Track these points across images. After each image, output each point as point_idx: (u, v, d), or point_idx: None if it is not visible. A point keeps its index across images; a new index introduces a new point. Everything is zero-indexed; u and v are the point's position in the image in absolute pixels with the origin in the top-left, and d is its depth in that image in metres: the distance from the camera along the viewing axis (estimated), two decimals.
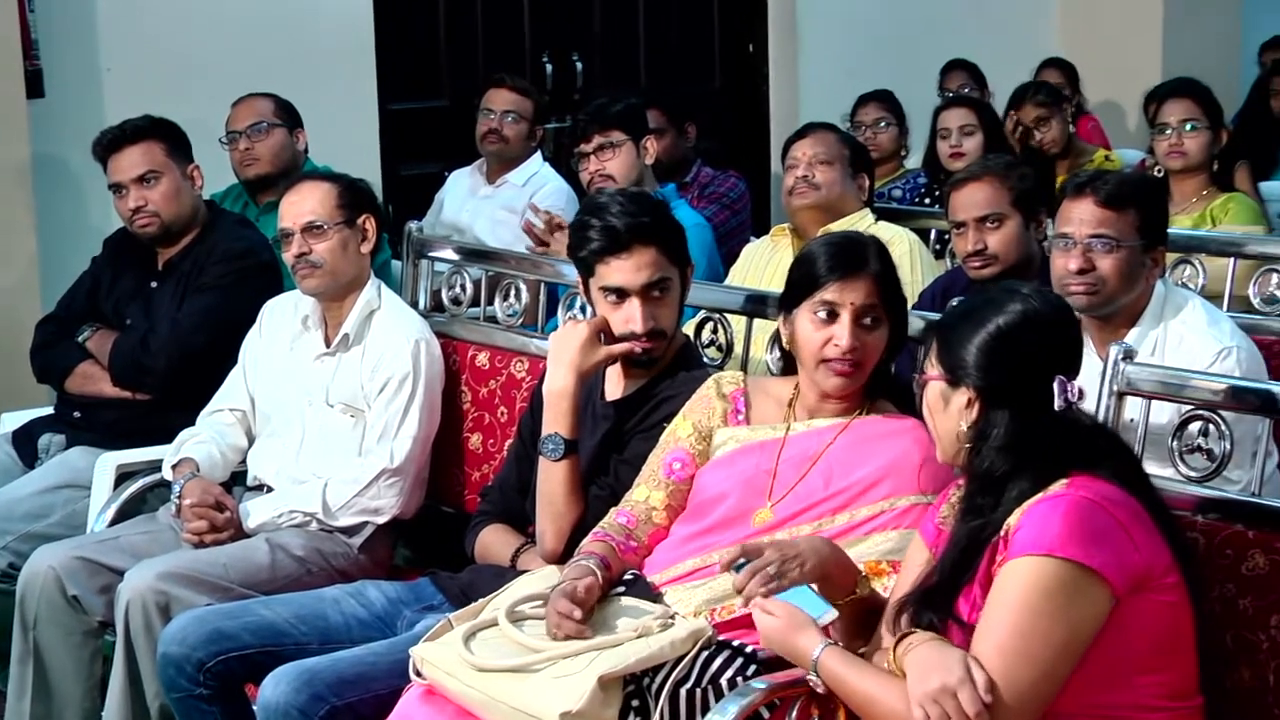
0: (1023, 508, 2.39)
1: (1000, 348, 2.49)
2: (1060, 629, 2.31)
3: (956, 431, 2.50)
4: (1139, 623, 2.38)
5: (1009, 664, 2.30)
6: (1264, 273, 4.01)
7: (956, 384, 2.50)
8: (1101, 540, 2.34)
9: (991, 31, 7.70)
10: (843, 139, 4.70)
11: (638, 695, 2.63)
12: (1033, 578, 2.32)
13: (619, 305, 3.23)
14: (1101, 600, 2.33)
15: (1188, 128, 5.13)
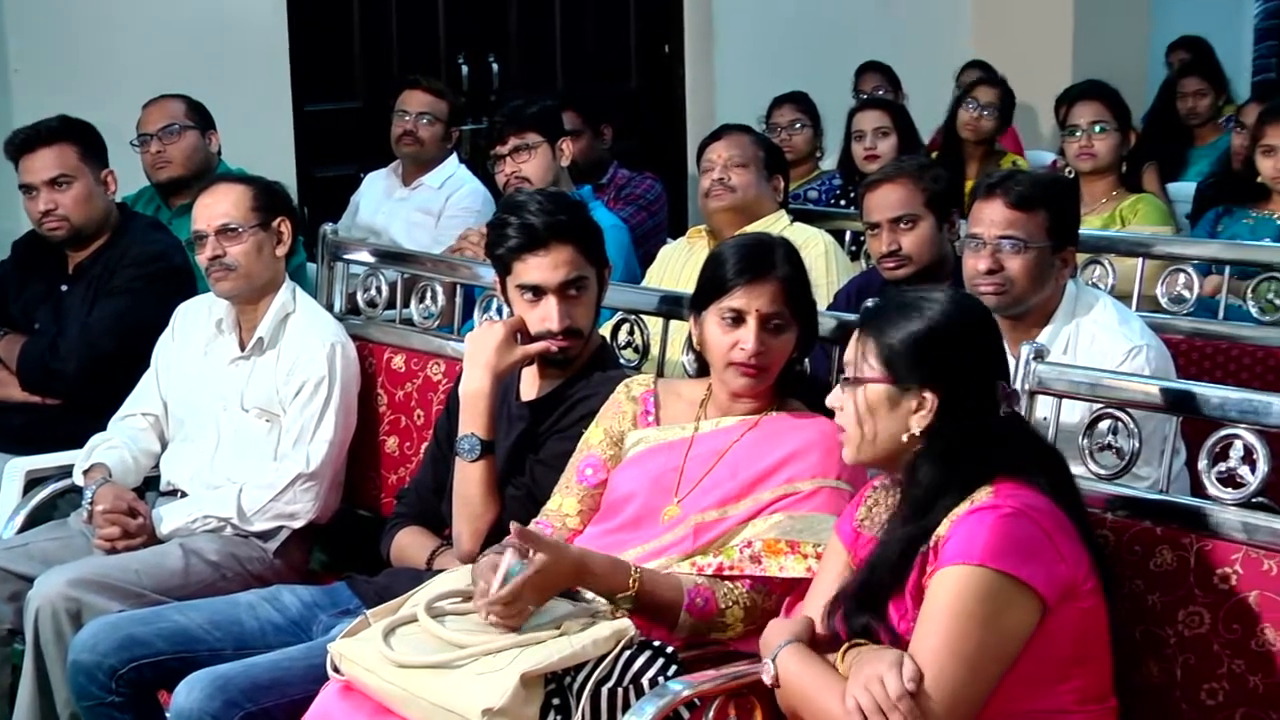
0: (951, 517, 2.42)
1: (952, 349, 2.53)
2: (991, 636, 2.34)
3: (903, 434, 2.51)
4: (1063, 631, 2.42)
5: (941, 670, 2.33)
6: (1171, 272, 4.06)
7: (907, 386, 2.50)
8: (1031, 553, 2.38)
9: (906, 34, 7.76)
10: (758, 141, 4.72)
11: (559, 693, 2.63)
12: (963, 586, 2.35)
13: (535, 303, 3.24)
14: (1031, 610, 2.37)
15: (1097, 129, 5.21)
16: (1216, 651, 2.56)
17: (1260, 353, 3.92)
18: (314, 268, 4.57)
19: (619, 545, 2.93)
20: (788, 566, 2.80)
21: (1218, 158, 6.59)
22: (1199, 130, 7.11)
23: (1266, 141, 4.89)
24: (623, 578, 2.75)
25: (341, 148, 6.45)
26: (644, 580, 2.77)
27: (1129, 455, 2.79)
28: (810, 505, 2.83)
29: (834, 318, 3.29)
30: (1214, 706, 2.56)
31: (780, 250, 2.96)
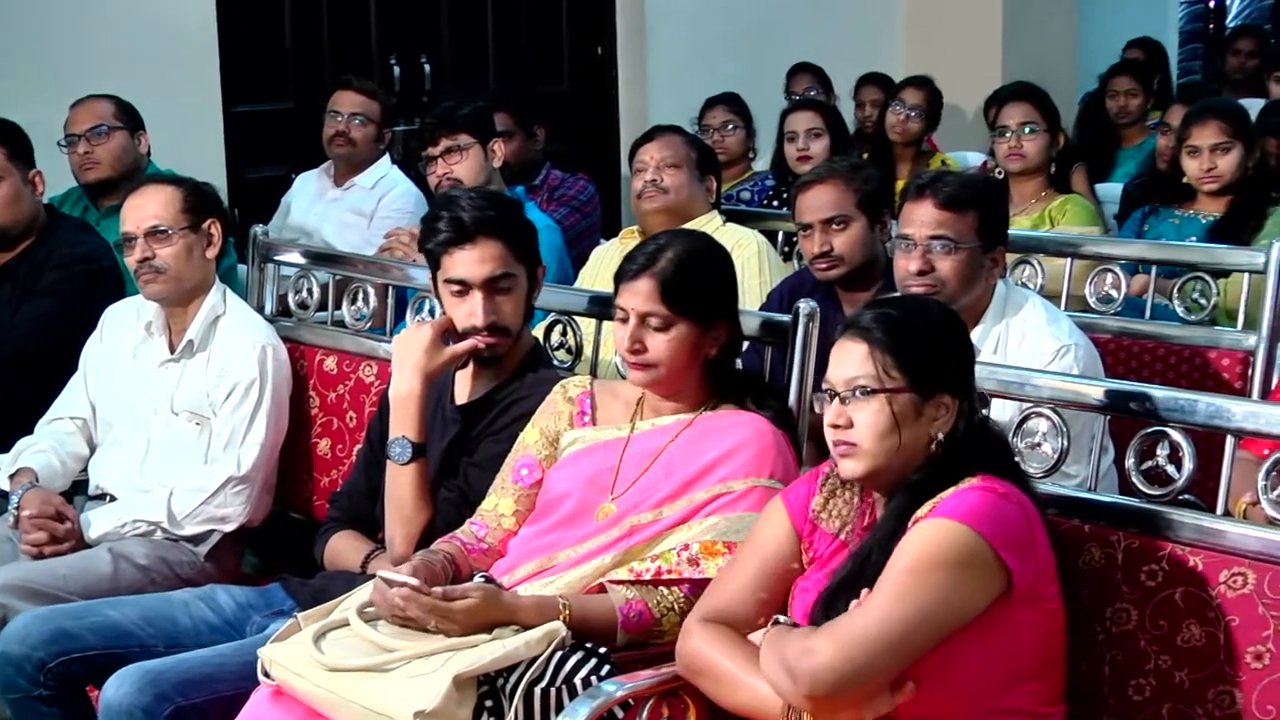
0: (939, 497, 2.44)
1: (960, 354, 2.59)
2: (949, 592, 2.35)
3: (927, 441, 2.53)
4: (1033, 629, 2.46)
5: (862, 618, 2.34)
6: (1099, 272, 4.10)
7: (929, 394, 2.52)
8: (1013, 533, 2.41)
9: (837, 35, 7.79)
10: (690, 142, 4.73)
11: (492, 695, 2.62)
12: (941, 536, 2.38)
13: (462, 299, 3.24)
14: (994, 585, 2.39)
15: (1026, 131, 5.24)
16: (1144, 648, 2.58)
17: (1186, 351, 3.96)
18: (245, 269, 4.53)
19: (554, 545, 2.93)
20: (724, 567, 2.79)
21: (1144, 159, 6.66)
22: (1126, 131, 7.17)
23: (1192, 142, 4.94)
24: (552, 614, 2.74)
25: (273, 149, 6.40)
26: (574, 611, 2.75)
27: (1058, 454, 2.81)
28: (745, 505, 2.83)
29: (766, 318, 3.29)
30: (1141, 702, 2.57)
31: (669, 250, 2.94)
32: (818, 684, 2.31)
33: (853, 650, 2.31)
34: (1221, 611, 2.52)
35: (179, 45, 6.04)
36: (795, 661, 2.33)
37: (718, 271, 3.00)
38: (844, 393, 2.53)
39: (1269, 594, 2.48)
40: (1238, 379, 3.86)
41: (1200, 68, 10.08)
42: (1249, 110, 5.37)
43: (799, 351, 3.13)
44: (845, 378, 2.54)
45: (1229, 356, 3.90)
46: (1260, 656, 2.47)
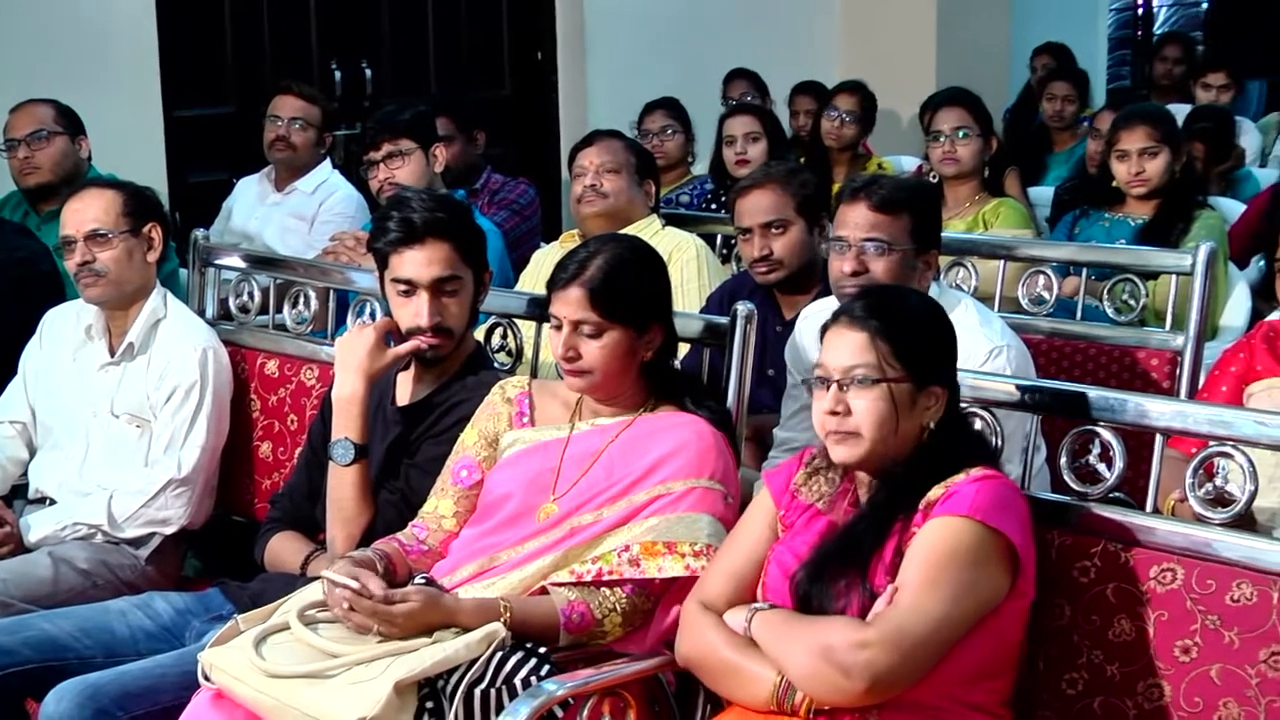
0: (944, 485, 2.50)
1: (951, 348, 2.65)
2: (968, 583, 2.43)
3: (919, 430, 2.58)
4: (1012, 623, 2.52)
5: (918, 601, 2.40)
6: (1032, 274, 4.12)
7: (924, 384, 2.57)
8: (1017, 518, 2.49)
9: (773, 41, 7.81)
10: (629, 146, 4.73)
11: (433, 697, 2.61)
12: (950, 533, 2.44)
13: (408, 299, 3.22)
14: (1006, 570, 2.47)
15: (960, 135, 5.26)
16: (1076, 642, 2.60)
17: (1116, 352, 3.98)
18: (186, 273, 4.50)
19: (495, 546, 2.92)
20: (666, 566, 2.80)
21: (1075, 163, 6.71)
22: (1058, 136, 7.23)
23: (1121, 147, 4.98)
24: (492, 615, 2.73)
25: (214, 153, 6.36)
26: (515, 613, 2.75)
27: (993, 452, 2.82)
28: (684, 505, 2.83)
29: (705, 320, 3.30)
30: (1074, 696, 2.60)
31: (598, 258, 2.94)
32: (878, 680, 2.39)
33: (904, 645, 2.39)
34: (1151, 607, 2.54)
35: (119, 50, 5.99)
36: (849, 656, 2.39)
37: (648, 276, 3.00)
38: (843, 380, 2.56)
39: (1197, 589, 2.51)
40: (1166, 379, 3.88)
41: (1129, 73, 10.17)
42: (1176, 116, 5.41)
43: (737, 353, 3.14)
44: (843, 365, 2.57)
45: (1157, 357, 3.92)
46: (1188, 650, 2.50)
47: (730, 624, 2.60)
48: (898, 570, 2.47)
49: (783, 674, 2.48)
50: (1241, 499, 2.57)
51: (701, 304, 4.23)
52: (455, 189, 4.94)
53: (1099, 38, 9.80)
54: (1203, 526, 2.57)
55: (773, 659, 2.50)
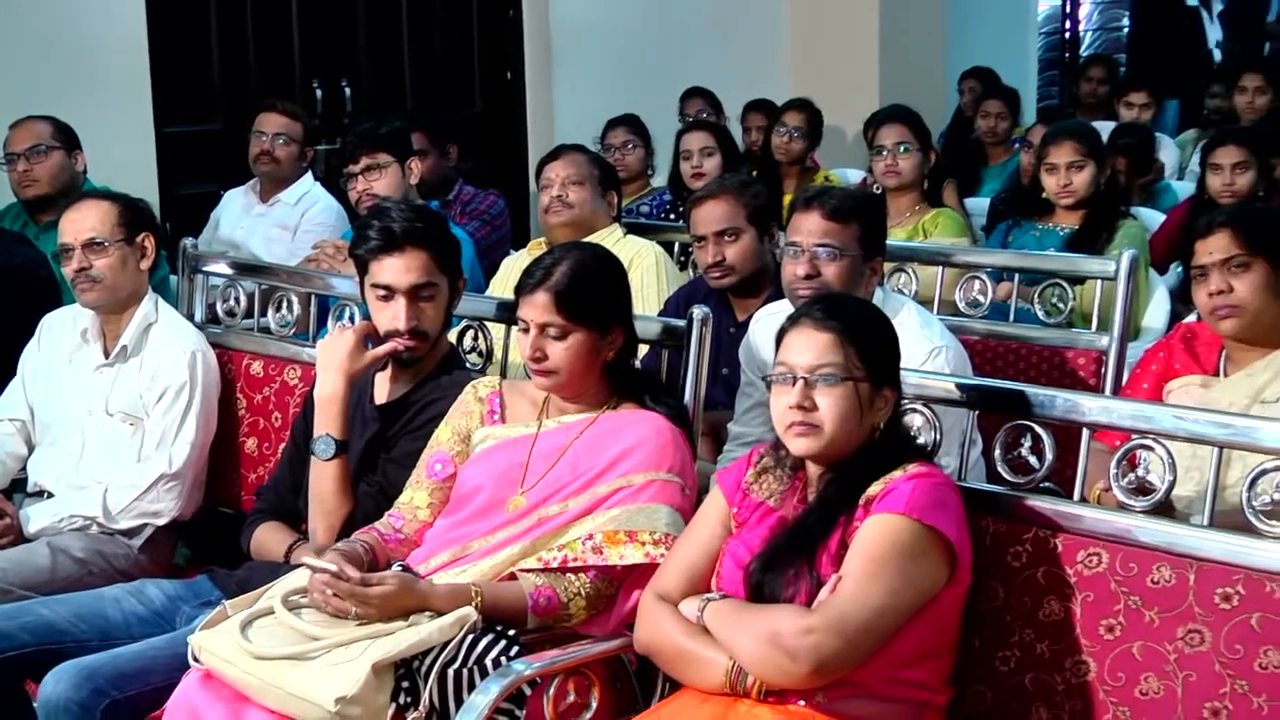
0: (884, 480, 2.51)
1: (898, 354, 2.67)
2: (905, 576, 2.43)
3: (871, 429, 2.59)
4: (949, 609, 2.52)
5: (859, 592, 2.41)
6: (968, 279, 4.13)
7: (879, 385, 2.58)
8: (951, 515, 2.49)
9: (727, 62, 7.81)
10: (593, 160, 4.72)
11: (408, 678, 2.61)
12: (889, 530, 2.45)
13: (387, 303, 3.22)
14: (942, 564, 2.48)
15: (901, 150, 5.27)
16: (1009, 622, 2.61)
17: (1046, 351, 4.00)
18: (176, 280, 4.47)
19: (467, 536, 2.91)
20: (627, 554, 2.80)
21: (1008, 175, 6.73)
22: (992, 150, 7.25)
23: (1050, 160, 4.99)
24: (464, 600, 2.72)
25: (202, 167, 6.32)
26: (486, 597, 2.74)
27: (931, 446, 2.82)
28: (644, 497, 2.83)
29: (663, 323, 3.29)
30: (1007, 672, 2.61)
31: (563, 264, 2.93)
32: (823, 663, 2.40)
33: (847, 631, 2.39)
34: (1078, 589, 2.56)
35: (112, 70, 5.96)
36: (796, 641, 2.39)
37: (610, 281, 3.00)
38: (809, 377, 2.56)
39: (1120, 572, 2.52)
40: (1092, 376, 3.90)
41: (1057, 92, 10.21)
42: (1100, 132, 5.43)
43: (694, 353, 3.14)
44: (809, 363, 2.57)
45: (1084, 356, 3.94)
46: (1112, 629, 2.51)
47: (684, 613, 2.60)
48: (842, 561, 2.47)
49: (734, 659, 2.48)
50: (1161, 488, 2.59)
51: (660, 307, 4.23)
52: (429, 200, 4.94)
53: (1029, 59, 9.84)
54: (1125, 514, 2.58)
55: (724, 645, 2.50)
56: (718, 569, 2.65)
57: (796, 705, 2.44)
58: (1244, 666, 2.38)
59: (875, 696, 2.47)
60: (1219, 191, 5.25)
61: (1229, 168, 5.27)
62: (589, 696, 2.72)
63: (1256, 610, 2.39)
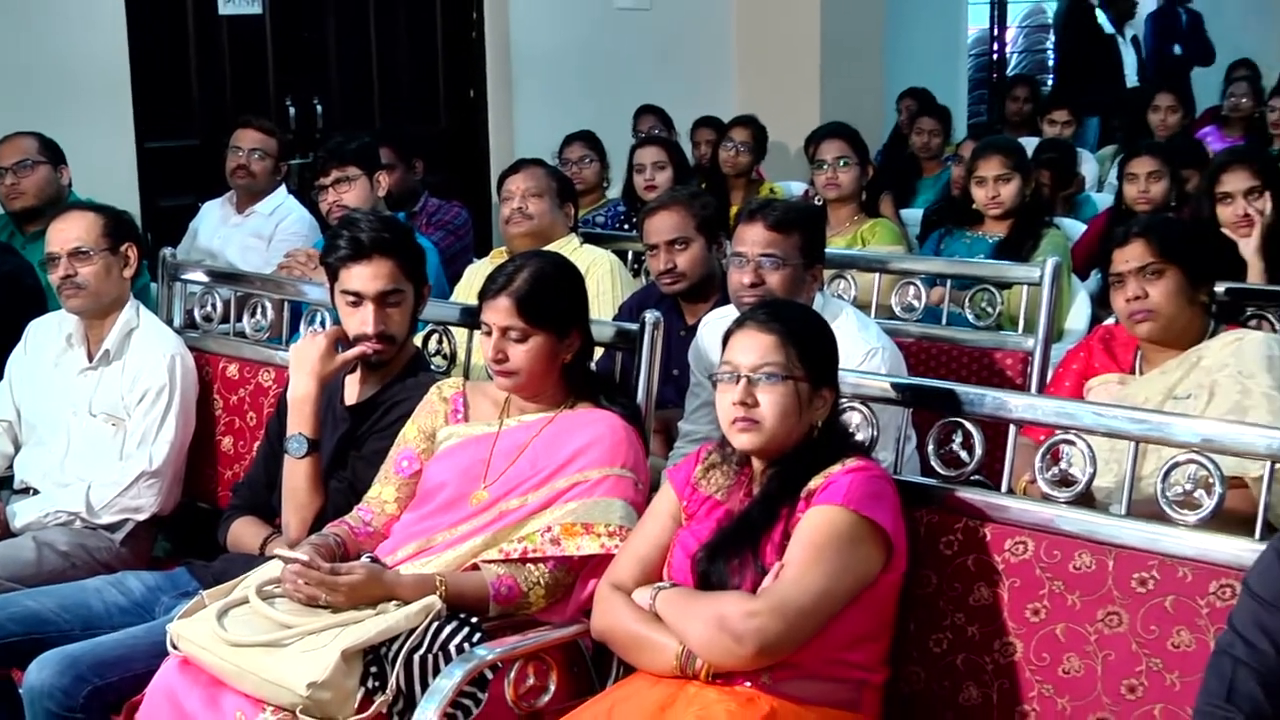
0: (824, 474, 2.50)
1: (836, 357, 2.66)
2: (843, 564, 2.43)
3: (809, 427, 2.58)
4: (887, 594, 2.53)
5: (801, 577, 2.41)
6: (903, 285, 4.13)
7: (818, 385, 2.58)
8: (887, 506, 2.49)
9: (677, 81, 7.81)
10: (551, 173, 4.71)
11: (376, 663, 2.60)
12: (828, 521, 2.45)
13: (355, 309, 3.21)
14: (878, 553, 2.48)
15: (841, 164, 5.27)
16: (942, 607, 2.62)
17: (976, 353, 4.00)
18: (156, 287, 4.44)
19: (432, 529, 2.90)
20: (584, 545, 2.79)
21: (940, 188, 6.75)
22: (926, 164, 7.27)
23: (979, 174, 5.01)
24: (429, 589, 2.71)
25: (181, 180, 6.26)
26: (450, 587, 2.74)
27: (869, 442, 2.83)
28: (599, 491, 2.82)
29: (618, 327, 3.29)
30: (940, 654, 2.61)
31: (524, 271, 2.93)
32: (766, 645, 2.40)
33: (789, 614, 2.40)
34: (1005, 575, 2.56)
35: (96, 88, 5.91)
36: (741, 625, 2.40)
37: (568, 288, 2.99)
38: (752, 376, 2.56)
39: (1044, 559, 2.53)
40: (1019, 375, 3.91)
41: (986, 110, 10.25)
42: (1026, 147, 5.46)
43: (646, 355, 3.13)
44: (752, 363, 2.57)
45: (1011, 356, 3.95)
46: (1037, 612, 2.52)
47: (637, 601, 2.59)
48: (784, 550, 2.47)
49: (684, 643, 2.48)
50: (1082, 480, 2.60)
51: (615, 312, 4.22)
52: (397, 211, 4.91)
53: (960, 80, 9.88)
54: (1049, 505, 2.59)
55: (675, 631, 2.50)
56: (668, 559, 2.64)
57: (742, 686, 2.45)
58: (1158, 646, 2.40)
59: (816, 677, 2.47)
60: (1134, 199, 5.29)
61: (1144, 177, 5.31)
62: (547, 680, 2.72)
63: (1170, 593, 2.40)
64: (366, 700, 2.57)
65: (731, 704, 2.41)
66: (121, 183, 5.85)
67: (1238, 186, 4.35)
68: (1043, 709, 2.49)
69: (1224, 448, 2.49)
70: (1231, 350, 3.16)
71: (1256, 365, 3.09)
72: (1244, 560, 2.28)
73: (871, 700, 2.55)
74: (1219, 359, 3.16)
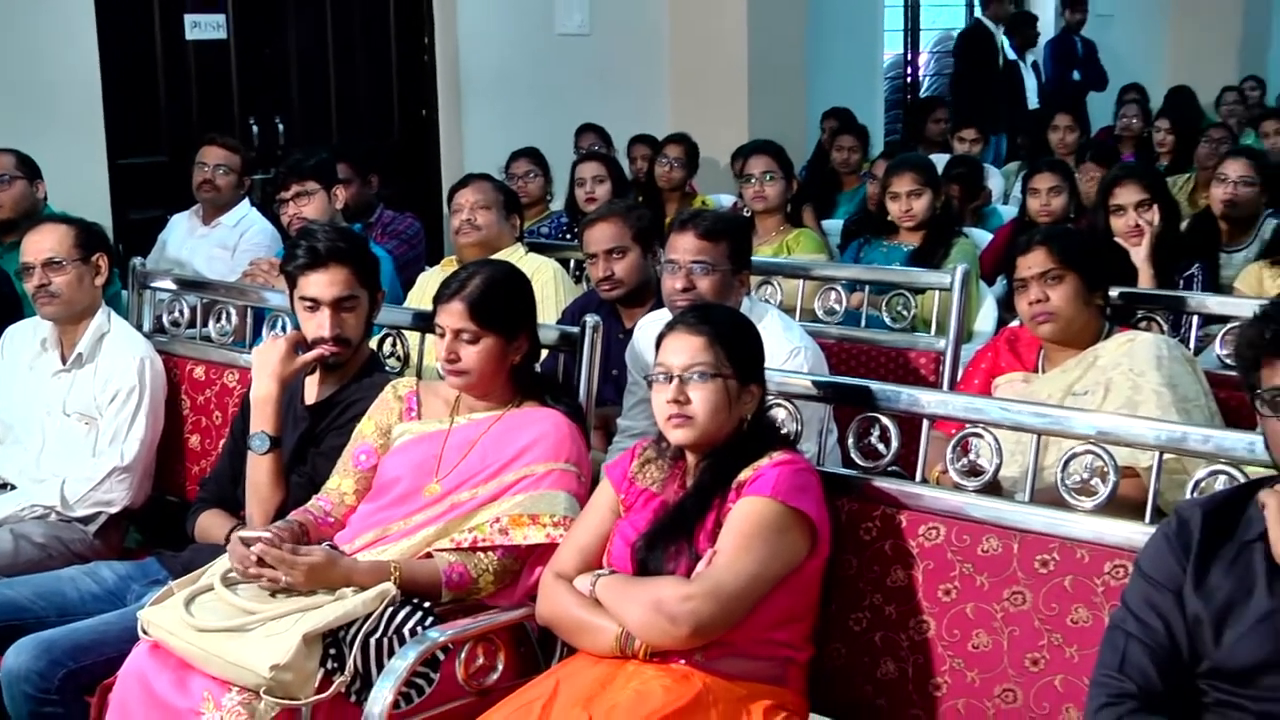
0: (753, 466, 2.50)
1: (762, 355, 2.66)
2: (771, 550, 2.43)
3: (739, 421, 2.58)
4: (812, 578, 2.52)
5: (732, 563, 2.41)
6: (825, 290, 4.15)
7: (745, 382, 2.57)
8: (812, 496, 2.49)
9: (615, 101, 7.80)
10: (498, 187, 4.69)
11: (335, 646, 2.59)
12: (758, 511, 2.44)
13: (313, 313, 3.18)
14: (804, 540, 2.48)
15: (767, 178, 5.27)
16: (861, 589, 2.62)
17: (893, 353, 4.03)
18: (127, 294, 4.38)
19: (388, 519, 2.88)
20: (530, 534, 2.78)
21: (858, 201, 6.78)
22: (846, 179, 7.30)
23: (893, 188, 5.03)
24: (384, 576, 2.70)
25: (151, 194, 6.17)
26: (404, 573, 2.72)
27: (793, 435, 2.83)
28: (545, 484, 2.81)
29: (560, 330, 3.28)
30: (859, 631, 2.62)
31: (476, 278, 2.92)
32: (700, 626, 2.39)
33: (721, 598, 2.39)
34: (919, 558, 2.57)
35: (71, 108, 5.82)
36: (676, 608, 2.39)
37: (517, 294, 2.98)
38: (684, 375, 2.55)
39: (955, 543, 2.55)
40: (931, 374, 3.94)
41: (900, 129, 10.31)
42: (937, 164, 5.49)
43: (586, 357, 3.13)
44: (684, 363, 2.57)
45: (925, 356, 3.97)
46: (949, 592, 2.54)
47: (578, 588, 2.58)
48: (717, 538, 2.47)
49: (623, 626, 2.47)
50: (990, 470, 2.62)
51: (558, 316, 4.20)
52: (353, 223, 4.88)
53: (877, 100, 9.94)
54: (960, 493, 2.61)
55: (614, 614, 2.49)
56: (608, 548, 2.64)
57: (678, 664, 2.44)
58: (1058, 622, 2.42)
59: (746, 655, 2.47)
60: (1037, 211, 5.33)
61: (1045, 191, 5.35)
62: (496, 659, 2.71)
63: (1069, 573, 2.42)
64: (326, 681, 2.55)
65: (667, 680, 2.41)
66: (94, 197, 5.77)
67: (1129, 200, 4.41)
68: (954, 681, 2.51)
69: (1118, 440, 2.51)
70: (1125, 350, 3.19)
71: (1147, 364, 3.13)
72: (1136, 543, 2.30)
73: (797, 676, 2.55)
74: (1113, 358, 3.19)
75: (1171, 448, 2.48)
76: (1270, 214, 4.95)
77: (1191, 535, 2.10)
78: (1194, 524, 2.11)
